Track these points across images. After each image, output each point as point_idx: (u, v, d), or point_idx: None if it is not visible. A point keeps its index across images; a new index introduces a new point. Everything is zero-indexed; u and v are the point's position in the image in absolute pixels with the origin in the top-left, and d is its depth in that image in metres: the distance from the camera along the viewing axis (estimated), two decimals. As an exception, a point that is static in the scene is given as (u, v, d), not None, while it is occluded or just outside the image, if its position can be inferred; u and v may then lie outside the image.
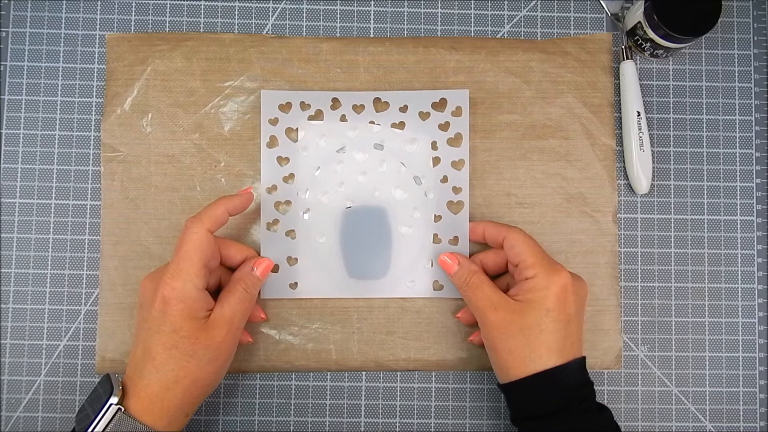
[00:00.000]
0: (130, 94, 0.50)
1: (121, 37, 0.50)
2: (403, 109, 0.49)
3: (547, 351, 0.41)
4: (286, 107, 0.48)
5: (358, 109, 0.48)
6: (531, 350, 0.41)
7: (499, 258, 0.46)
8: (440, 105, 0.48)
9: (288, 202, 0.48)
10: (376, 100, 0.49)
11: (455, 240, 0.48)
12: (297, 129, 0.48)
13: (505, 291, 0.44)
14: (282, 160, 0.48)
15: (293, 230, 0.48)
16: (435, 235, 0.48)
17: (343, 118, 0.48)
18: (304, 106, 0.48)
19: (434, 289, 0.49)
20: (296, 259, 0.48)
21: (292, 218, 0.48)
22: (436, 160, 0.48)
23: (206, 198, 0.49)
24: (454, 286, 0.47)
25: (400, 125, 0.49)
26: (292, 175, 0.48)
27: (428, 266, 0.49)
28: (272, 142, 0.48)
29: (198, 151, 0.50)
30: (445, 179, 0.48)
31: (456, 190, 0.48)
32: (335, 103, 0.48)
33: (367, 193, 0.49)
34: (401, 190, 0.49)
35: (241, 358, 0.49)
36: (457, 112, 0.48)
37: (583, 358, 0.43)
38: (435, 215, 0.48)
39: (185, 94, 0.50)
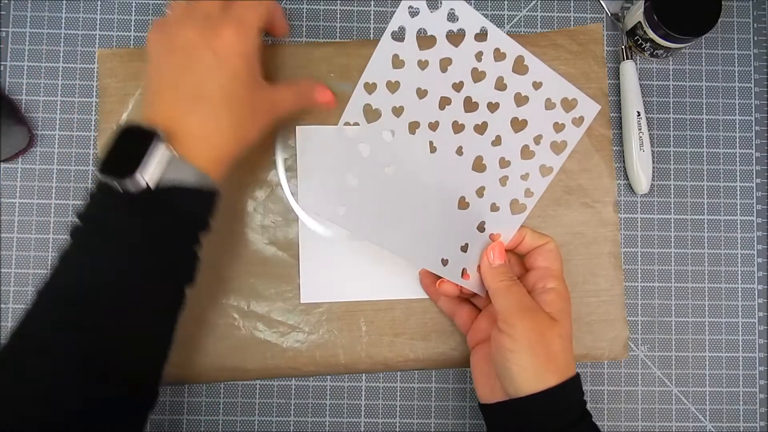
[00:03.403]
0: (125, 110, 0.49)
1: (112, 53, 0.50)
2: (537, 85, 0.43)
3: (572, 360, 0.42)
4: (433, 4, 0.41)
5: (498, 55, 0.43)
6: (568, 358, 0.41)
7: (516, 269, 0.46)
8: (568, 104, 0.44)
9: (377, 111, 0.42)
10: (519, 58, 0.43)
11: (497, 236, 0.46)
12: (429, 37, 0.41)
13: None
14: (397, 61, 0.42)
15: (366, 145, 0.43)
16: (482, 223, 0.45)
17: (479, 56, 0.42)
18: (451, 17, 0.41)
19: (461, 277, 0.45)
20: (356, 180, 0.43)
21: (373, 132, 0.42)
22: (530, 154, 0.45)
23: None
24: (478, 281, 0.45)
25: (523, 99, 0.44)
26: (397, 83, 0.42)
27: (462, 250, 0.45)
28: (398, 35, 0.41)
29: None
30: (525, 177, 0.45)
31: (528, 192, 0.45)
32: (481, 35, 0.42)
33: (454, 143, 0.44)
34: (484, 163, 0.44)
35: (250, 367, 0.48)
36: (578, 121, 0.45)
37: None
38: (494, 204, 0.45)
39: None
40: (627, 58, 0.51)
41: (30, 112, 0.51)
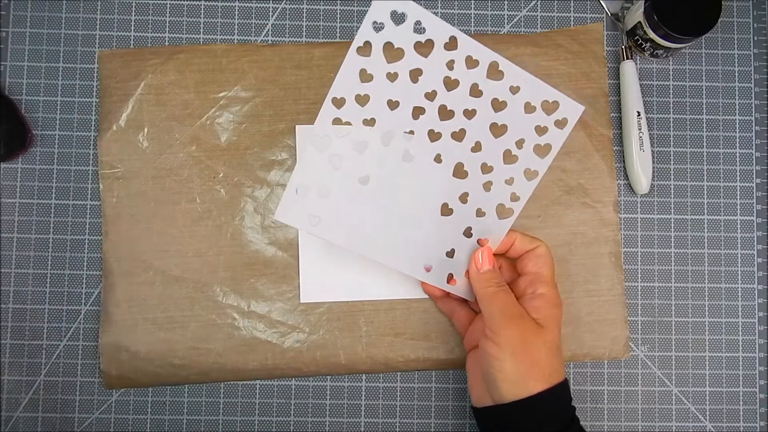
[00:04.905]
0: (125, 110, 0.49)
1: (112, 53, 0.50)
2: (514, 90, 0.43)
3: (561, 366, 0.41)
4: (398, 18, 0.40)
5: (471, 63, 0.42)
6: (554, 365, 0.41)
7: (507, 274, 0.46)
8: (549, 107, 0.43)
9: (347, 124, 0.42)
10: (494, 64, 0.42)
11: (485, 241, 0.45)
12: (397, 49, 0.41)
13: None
14: (365, 75, 0.41)
15: (339, 156, 0.43)
16: (468, 228, 0.45)
17: (450, 65, 0.42)
18: (418, 28, 0.41)
19: (447, 283, 0.46)
20: (330, 191, 0.43)
21: (345, 143, 0.42)
22: (513, 159, 0.44)
23: (206, 210, 0.49)
24: (466, 285, 0.45)
25: (501, 104, 0.43)
26: (367, 96, 0.42)
27: (448, 256, 0.45)
28: (365, 50, 0.41)
29: (196, 163, 0.49)
30: (510, 181, 0.45)
31: (514, 197, 0.45)
32: (451, 43, 0.41)
33: (432, 151, 0.44)
34: (465, 170, 0.44)
35: (250, 367, 0.48)
36: (561, 123, 0.44)
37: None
38: (480, 209, 0.45)
39: (180, 107, 0.49)
40: (627, 58, 0.51)
41: (30, 112, 0.51)
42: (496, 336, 0.40)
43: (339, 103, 0.41)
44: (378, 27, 0.40)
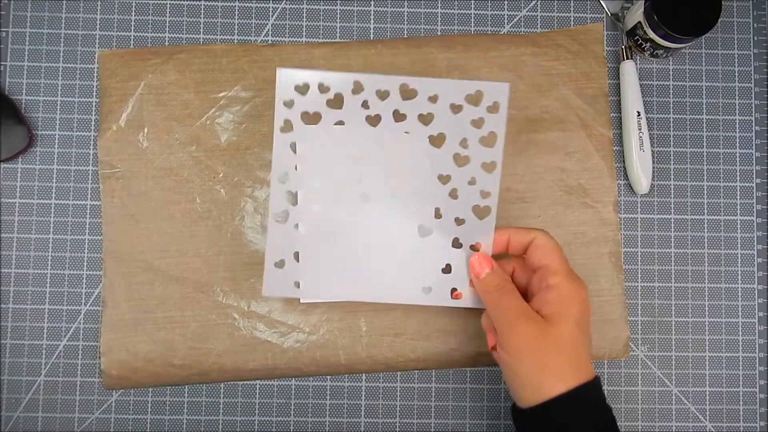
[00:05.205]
0: (125, 110, 0.49)
1: (112, 53, 0.50)
2: (433, 99, 0.43)
3: (585, 364, 0.39)
4: (303, 89, 0.43)
5: (382, 95, 0.43)
6: (569, 365, 0.39)
7: (520, 274, 0.44)
8: (475, 98, 0.43)
9: (296, 195, 0.45)
10: (403, 86, 0.43)
11: (477, 246, 0.44)
12: (314, 113, 0.44)
13: None
14: (296, 147, 0.44)
15: (301, 221, 0.45)
16: (455, 239, 0.45)
17: (365, 105, 0.43)
18: (322, 88, 0.43)
19: (452, 298, 0.45)
20: (305, 255, 0.45)
21: (302, 210, 0.45)
22: (465, 160, 0.44)
23: (206, 210, 0.49)
24: (473, 295, 0.44)
25: (428, 117, 0.44)
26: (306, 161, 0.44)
27: (445, 272, 0.45)
28: (287, 127, 0.43)
29: (196, 163, 0.49)
30: (473, 181, 0.44)
31: (484, 194, 0.44)
32: (357, 87, 0.43)
33: (386, 190, 0.45)
34: (424, 189, 0.45)
35: (250, 367, 0.48)
36: (494, 108, 0.43)
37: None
38: (458, 218, 0.44)
39: (180, 107, 0.49)
40: (627, 58, 0.51)
41: (30, 112, 0.51)
42: (504, 341, 0.40)
43: (284, 177, 0.44)
44: (289, 104, 0.43)
